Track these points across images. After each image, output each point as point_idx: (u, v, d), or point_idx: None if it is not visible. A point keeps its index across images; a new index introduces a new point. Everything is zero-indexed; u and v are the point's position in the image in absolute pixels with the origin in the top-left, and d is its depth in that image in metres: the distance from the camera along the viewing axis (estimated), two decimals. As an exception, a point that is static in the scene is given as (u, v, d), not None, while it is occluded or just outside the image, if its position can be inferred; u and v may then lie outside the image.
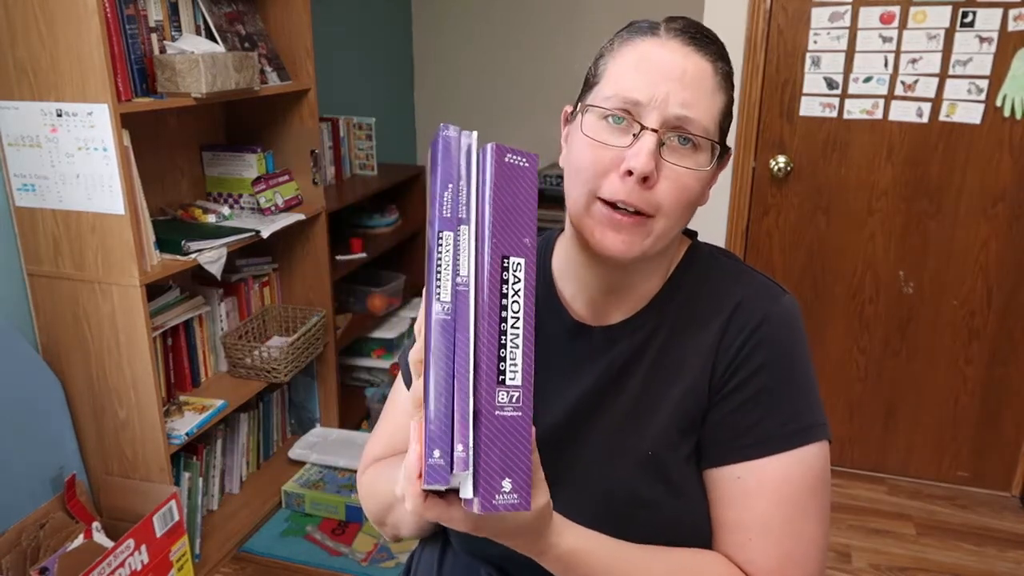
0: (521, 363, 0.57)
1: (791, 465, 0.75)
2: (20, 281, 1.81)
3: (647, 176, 0.71)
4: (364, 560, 2.07)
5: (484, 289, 0.57)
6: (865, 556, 2.13)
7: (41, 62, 1.61)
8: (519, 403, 0.57)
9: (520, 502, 0.56)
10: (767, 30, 2.22)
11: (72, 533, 1.73)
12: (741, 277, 0.82)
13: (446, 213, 0.57)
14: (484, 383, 0.56)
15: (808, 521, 0.76)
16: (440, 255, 0.57)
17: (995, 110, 2.11)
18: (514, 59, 3.62)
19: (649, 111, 0.72)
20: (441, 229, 0.57)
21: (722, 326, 0.78)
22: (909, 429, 2.43)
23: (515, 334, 0.57)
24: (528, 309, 0.58)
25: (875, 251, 2.32)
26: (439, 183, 0.58)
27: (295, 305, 2.48)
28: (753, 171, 2.35)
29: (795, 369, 0.78)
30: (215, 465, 2.21)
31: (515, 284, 0.58)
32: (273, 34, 2.29)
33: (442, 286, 0.57)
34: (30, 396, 1.75)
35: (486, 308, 0.57)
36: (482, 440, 0.55)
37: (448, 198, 0.58)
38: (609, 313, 0.83)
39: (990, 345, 2.30)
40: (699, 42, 0.74)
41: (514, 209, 0.58)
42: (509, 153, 0.59)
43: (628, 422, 0.80)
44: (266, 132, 2.36)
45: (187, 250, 1.86)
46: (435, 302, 0.56)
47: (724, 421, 0.77)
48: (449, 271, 0.57)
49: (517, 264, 0.58)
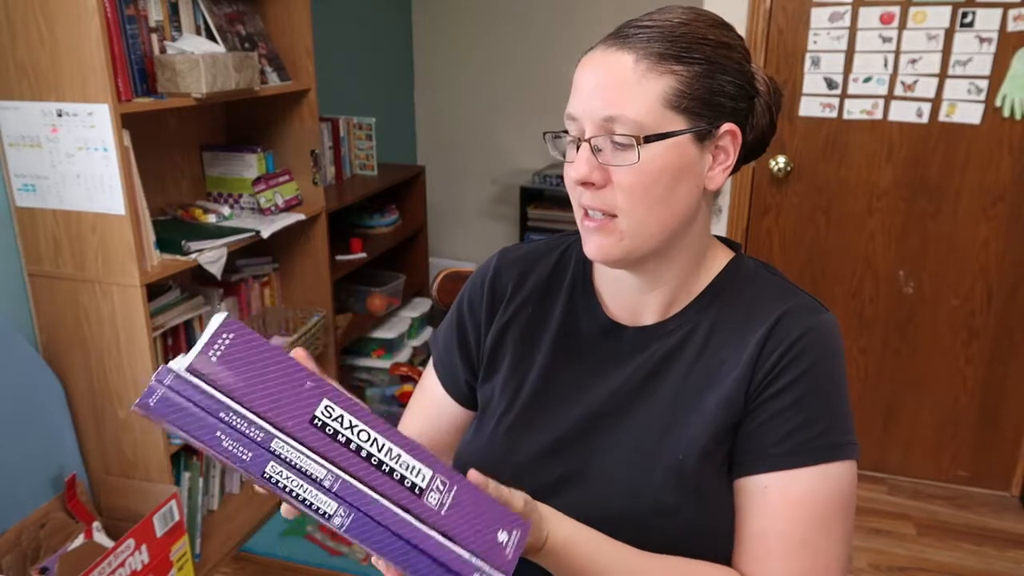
0: (412, 459, 0.57)
1: (818, 480, 0.75)
2: (20, 281, 1.81)
3: (589, 181, 0.75)
4: (364, 560, 2.07)
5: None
6: (865, 556, 2.13)
7: (41, 62, 1.61)
8: (445, 484, 0.57)
9: (521, 533, 0.58)
10: (767, 30, 2.22)
11: (72, 533, 1.73)
12: (783, 293, 0.82)
13: (245, 455, 0.53)
14: (414, 507, 0.55)
15: (830, 538, 0.75)
16: (289, 486, 0.54)
17: (995, 110, 2.11)
18: (514, 59, 3.62)
19: (584, 123, 0.76)
20: (261, 469, 0.53)
21: (763, 337, 0.78)
22: (909, 429, 2.43)
23: (387, 450, 0.56)
24: (368, 420, 0.56)
25: (875, 251, 2.32)
26: (209, 440, 0.53)
27: (295, 305, 2.48)
28: (753, 171, 2.35)
29: (831, 385, 0.77)
30: (215, 465, 2.21)
31: (342, 422, 0.56)
32: (273, 34, 2.29)
33: (319, 505, 0.54)
34: (30, 396, 1.75)
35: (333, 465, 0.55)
36: (457, 537, 0.56)
37: (233, 444, 0.53)
38: (643, 314, 0.85)
39: (990, 345, 2.30)
40: (625, 37, 0.75)
41: (270, 382, 0.55)
42: (210, 349, 0.54)
43: (660, 426, 0.81)
44: (266, 132, 2.36)
45: (187, 250, 1.86)
46: (327, 521, 0.54)
47: (757, 431, 0.77)
48: (308, 487, 0.54)
49: (324, 408, 0.56)
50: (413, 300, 3.20)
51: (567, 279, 0.91)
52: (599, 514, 0.76)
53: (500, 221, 3.89)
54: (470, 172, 3.87)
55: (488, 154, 3.81)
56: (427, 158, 3.88)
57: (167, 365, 0.53)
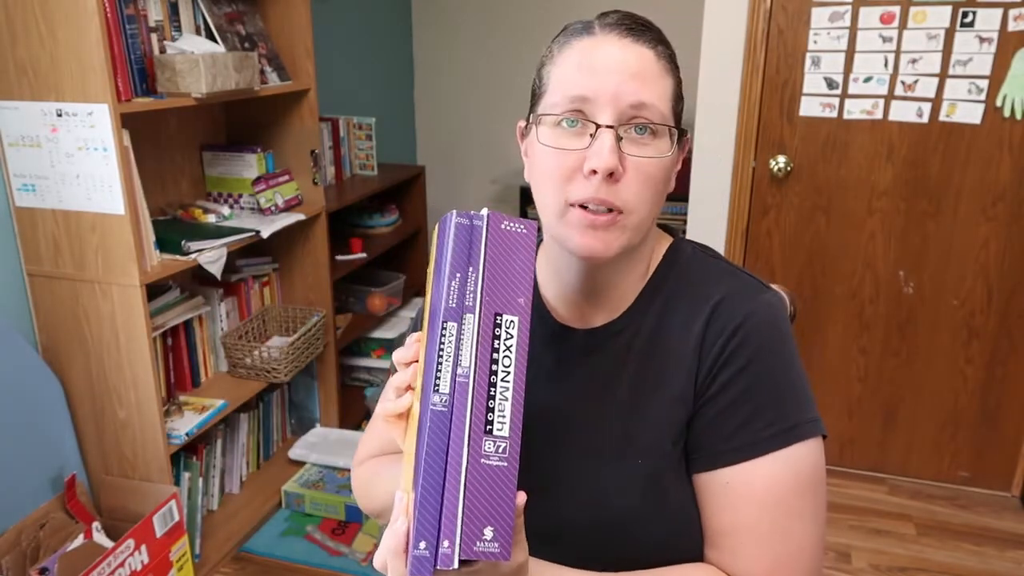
0: (510, 415, 0.58)
1: (778, 467, 0.74)
2: (20, 281, 1.81)
3: (612, 172, 0.70)
4: (364, 560, 2.07)
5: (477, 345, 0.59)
6: (865, 556, 2.13)
7: (41, 62, 1.61)
8: (505, 453, 0.58)
9: (500, 551, 0.57)
10: (767, 30, 2.22)
11: (72, 533, 1.73)
12: (722, 276, 0.81)
13: (452, 303, 0.59)
14: (475, 436, 0.57)
15: (799, 522, 0.75)
16: (443, 346, 0.58)
17: (995, 110, 2.11)
18: (514, 59, 3.62)
19: (601, 108, 0.71)
20: (446, 320, 0.59)
21: (702, 328, 0.77)
22: (909, 429, 2.43)
23: (504, 387, 0.59)
24: (519, 366, 0.59)
25: (875, 251, 2.32)
26: (447, 271, 0.59)
27: (295, 305, 2.48)
28: (753, 171, 2.35)
29: (778, 367, 0.76)
30: (215, 465, 2.21)
31: (507, 340, 0.60)
32: (273, 34, 2.29)
33: (442, 378, 0.58)
34: (30, 396, 1.75)
35: (476, 360, 0.58)
36: (467, 486, 0.56)
37: (455, 287, 0.59)
38: (592, 315, 0.83)
39: (990, 345, 2.30)
40: (635, 31, 0.74)
41: (509, 272, 0.61)
42: (505, 221, 0.61)
43: (618, 431, 0.79)
44: (266, 132, 2.36)
45: (187, 250, 1.86)
46: (433, 393, 0.57)
47: (709, 426, 0.76)
48: (450, 363, 0.58)
49: (510, 321, 0.60)
50: (413, 300, 3.20)
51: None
52: (565, 526, 0.76)
53: (500, 221, 3.89)
54: (470, 172, 3.87)
55: (488, 154, 3.81)
56: (427, 158, 3.87)
57: (483, 214, 0.61)
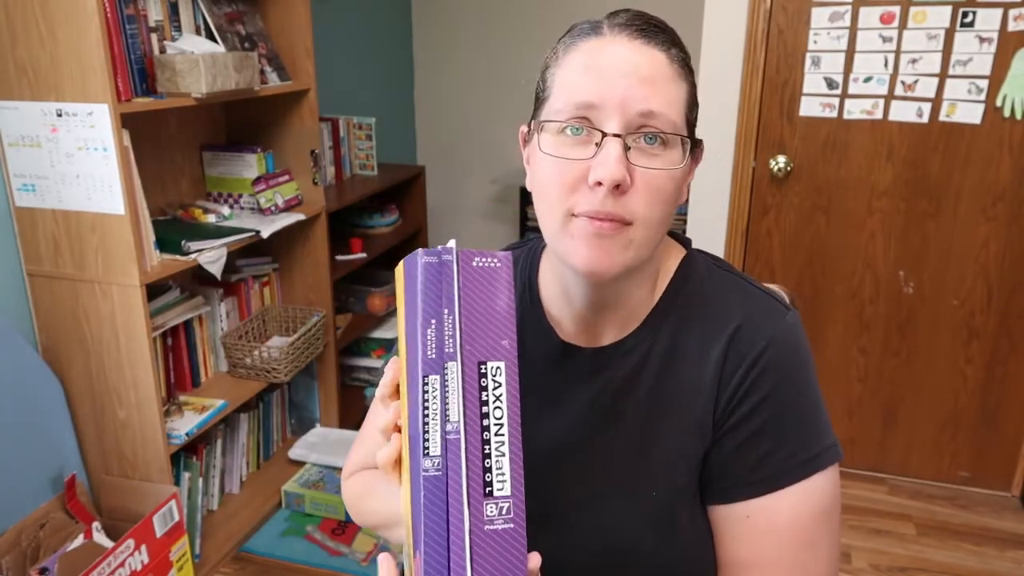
0: (509, 472, 0.55)
1: (800, 498, 0.72)
2: (20, 281, 1.81)
3: (619, 184, 0.65)
4: (364, 560, 2.07)
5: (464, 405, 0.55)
6: (865, 556, 2.13)
7: (41, 62, 1.61)
8: (510, 514, 0.54)
9: None
10: (767, 30, 2.22)
11: (72, 533, 1.73)
12: (740, 294, 0.76)
13: (431, 354, 0.54)
14: (474, 501, 0.54)
15: (819, 550, 0.73)
16: (427, 403, 0.54)
17: (995, 110, 2.11)
18: (514, 59, 3.62)
19: (608, 115, 0.66)
20: (426, 374, 0.54)
21: (722, 353, 0.73)
22: (909, 429, 2.43)
23: (500, 441, 0.55)
24: (513, 415, 0.55)
25: (875, 251, 2.32)
26: (420, 319, 0.55)
27: (295, 305, 2.48)
28: (753, 171, 2.35)
29: (801, 395, 0.73)
30: (215, 465, 2.21)
31: (496, 390, 0.55)
32: (273, 34, 2.29)
33: (430, 438, 0.54)
34: (30, 396, 1.75)
35: (465, 414, 0.54)
36: (474, 557, 0.53)
37: (431, 336, 0.55)
38: (600, 333, 0.78)
39: (990, 345, 2.30)
40: (647, 32, 0.69)
41: (488, 313, 0.56)
42: (476, 257, 0.56)
43: (629, 458, 0.76)
44: (266, 132, 2.36)
45: (187, 250, 1.86)
46: (424, 457, 0.54)
47: (729, 457, 0.73)
48: (437, 420, 0.54)
49: (496, 368, 0.55)
50: (413, 300, 3.19)
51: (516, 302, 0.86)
52: (576, 558, 0.73)
53: (500, 221, 3.89)
54: (470, 172, 3.87)
55: (488, 154, 3.81)
56: (427, 158, 3.87)
57: (451, 247, 0.56)
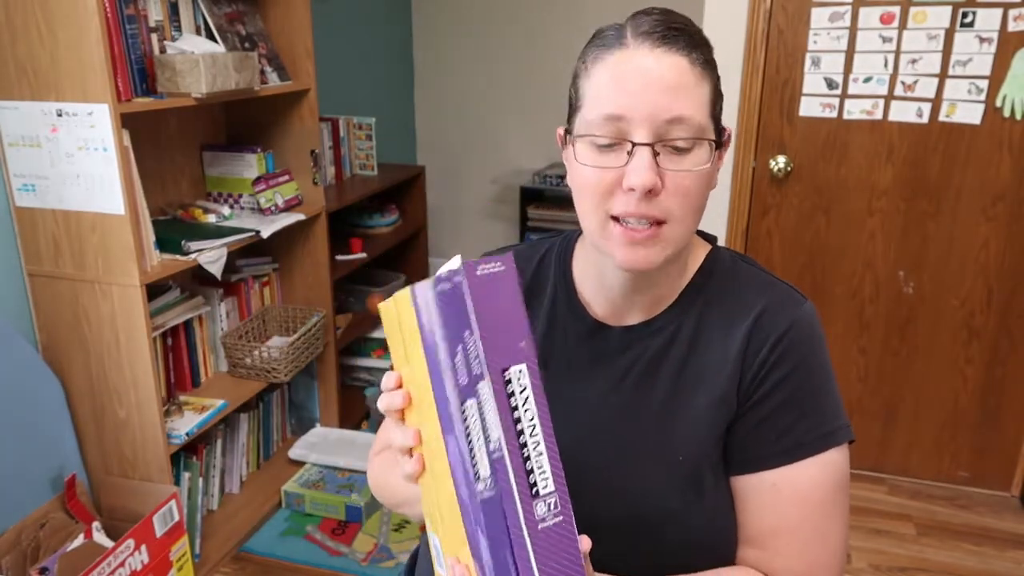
0: (549, 467, 0.57)
1: (820, 468, 0.77)
2: (20, 281, 1.81)
3: (651, 188, 0.71)
4: (364, 560, 2.07)
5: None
6: (865, 556, 2.13)
7: (41, 62, 1.61)
8: (558, 508, 0.57)
9: None
10: (767, 30, 2.22)
11: (72, 533, 1.73)
12: (762, 286, 0.84)
13: (463, 380, 0.56)
14: (525, 505, 0.55)
15: (835, 523, 0.78)
16: (469, 429, 0.55)
17: (995, 110, 2.11)
18: (514, 59, 3.62)
19: (637, 125, 0.71)
20: (463, 400, 0.56)
21: (747, 333, 0.79)
22: (909, 429, 2.43)
23: (536, 441, 0.57)
24: (542, 411, 0.57)
25: (875, 251, 2.32)
26: (444, 351, 0.56)
27: (295, 305, 2.48)
28: (753, 171, 2.35)
29: (819, 374, 0.80)
30: (215, 465, 2.21)
31: (522, 392, 0.57)
32: (273, 34, 2.29)
33: (479, 462, 0.55)
34: (30, 396, 1.75)
35: (503, 429, 0.55)
36: (537, 559, 0.55)
37: (460, 362, 0.56)
38: (629, 314, 0.85)
39: (990, 345, 2.30)
40: (668, 39, 0.73)
41: (500, 318, 0.57)
42: (480, 265, 0.57)
43: (655, 428, 0.81)
44: (266, 132, 2.36)
45: (187, 250, 1.86)
46: (476, 481, 0.55)
47: (755, 429, 0.79)
48: (481, 443, 0.55)
49: (519, 371, 0.57)
50: (413, 300, 3.19)
51: (549, 282, 0.90)
52: (603, 523, 0.76)
53: (500, 221, 3.89)
54: (470, 172, 3.88)
55: (488, 154, 3.81)
56: (427, 158, 3.88)
57: (458, 266, 0.56)
